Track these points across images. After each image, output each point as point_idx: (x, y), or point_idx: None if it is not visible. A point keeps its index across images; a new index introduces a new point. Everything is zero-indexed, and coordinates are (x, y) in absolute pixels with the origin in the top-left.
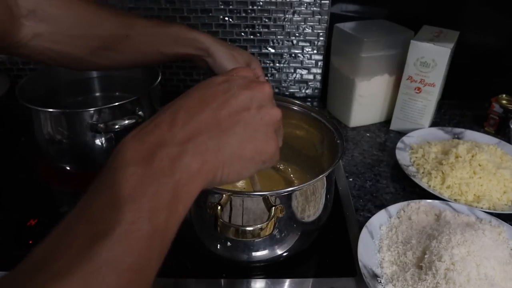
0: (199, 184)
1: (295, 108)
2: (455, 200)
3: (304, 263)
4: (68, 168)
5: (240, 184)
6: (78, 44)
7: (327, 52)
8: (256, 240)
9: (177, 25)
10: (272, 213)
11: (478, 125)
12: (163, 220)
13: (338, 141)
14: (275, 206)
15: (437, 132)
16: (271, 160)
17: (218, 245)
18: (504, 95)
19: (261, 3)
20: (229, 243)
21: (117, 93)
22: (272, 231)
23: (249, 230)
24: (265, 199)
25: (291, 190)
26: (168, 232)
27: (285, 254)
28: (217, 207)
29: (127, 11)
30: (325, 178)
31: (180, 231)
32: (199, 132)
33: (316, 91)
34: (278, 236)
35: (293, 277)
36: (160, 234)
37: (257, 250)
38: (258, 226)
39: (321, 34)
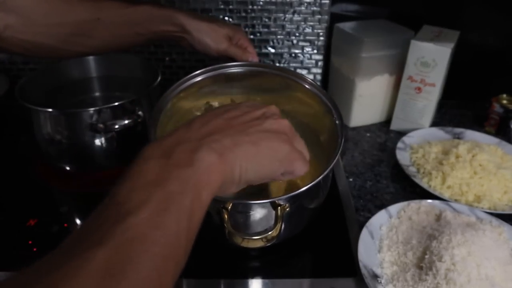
0: (218, 175)
1: (306, 86)
2: (455, 200)
3: (304, 263)
4: (67, 168)
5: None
6: (51, 33)
7: (327, 52)
8: (268, 244)
9: (149, 3)
10: (279, 213)
11: (479, 125)
12: (188, 203)
13: (336, 122)
14: (280, 206)
15: (437, 132)
16: (287, 159)
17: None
18: (504, 95)
19: (261, 3)
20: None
21: (117, 93)
22: (280, 231)
23: (258, 238)
24: (272, 202)
25: (297, 194)
26: (194, 215)
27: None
28: (223, 211)
29: None
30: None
31: None
32: (213, 132)
33: None
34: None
35: (293, 277)
36: (186, 216)
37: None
38: (270, 233)
39: (321, 34)
